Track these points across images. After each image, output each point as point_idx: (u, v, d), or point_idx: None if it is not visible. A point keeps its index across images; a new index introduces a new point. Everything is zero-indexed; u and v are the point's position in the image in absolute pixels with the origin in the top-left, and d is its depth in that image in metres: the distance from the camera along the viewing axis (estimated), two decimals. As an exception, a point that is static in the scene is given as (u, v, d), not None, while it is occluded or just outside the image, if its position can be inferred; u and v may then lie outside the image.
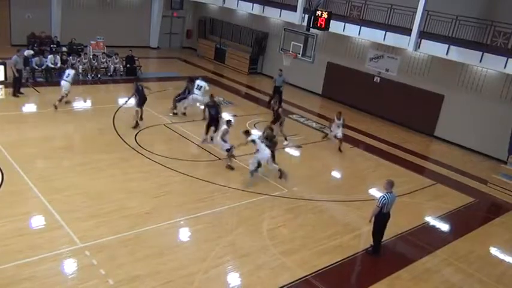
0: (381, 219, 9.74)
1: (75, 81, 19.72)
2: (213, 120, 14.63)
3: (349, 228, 11.01)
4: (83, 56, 20.70)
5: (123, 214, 10.16)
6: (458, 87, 18.27)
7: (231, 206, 11.32)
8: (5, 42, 23.58)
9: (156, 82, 21.27)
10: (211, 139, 14.16)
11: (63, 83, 16.32)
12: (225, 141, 13.04)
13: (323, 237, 10.43)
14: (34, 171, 11.50)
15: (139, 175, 12.14)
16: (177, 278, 8.36)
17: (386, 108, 20.47)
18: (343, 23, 19.78)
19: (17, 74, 16.78)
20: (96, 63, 20.77)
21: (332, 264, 9.48)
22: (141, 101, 15.22)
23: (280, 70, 20.12)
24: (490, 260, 10.77)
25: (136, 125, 15.25)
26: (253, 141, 12.36)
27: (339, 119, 15.59)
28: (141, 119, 15.43)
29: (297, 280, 8.82)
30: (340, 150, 15.89)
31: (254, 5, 23.76)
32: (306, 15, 19.50)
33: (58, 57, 19.64)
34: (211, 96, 15.45)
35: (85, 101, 17.85)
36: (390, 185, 9.61)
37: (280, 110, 15.98)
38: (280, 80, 20.10)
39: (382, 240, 10.09)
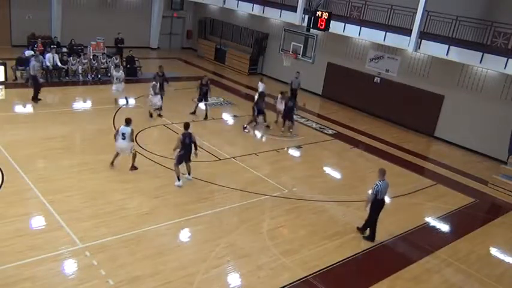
0: (377, 205, 10.17)
1: (76, 82, 19.84)
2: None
3: (350, 229, 11.00)
4: (82, 57, 20.69)
5: (123, 214, 10.16)
6: (459, 87, 18.26)
7: (231, 206, 11.32)
8: (5, 42, 23.60)
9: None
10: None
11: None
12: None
13: (323, 238, 10.44)
14: (34, 171, 11.51)
15: (139, 175, 12.14)
16: (177, 278, 8.36)
17: (387, 109, 20.46)
18: (343, 24, 19.75)
19: (31, 81, 16.75)
20: (96, 64, 20.77)
21: (332, 265, 9.48)
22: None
23: (298, 73, 19.92)
24: (490, 260, 10.77)
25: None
26: None
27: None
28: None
29: (297, 280, 8.82)
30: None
31: (254, 5, 23.74)
32: (306, 16, 19.49)
33: (57, 56, 19.62)
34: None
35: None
36: (382, 173, 10.13)
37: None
38: (296, 83, 19.92)
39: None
